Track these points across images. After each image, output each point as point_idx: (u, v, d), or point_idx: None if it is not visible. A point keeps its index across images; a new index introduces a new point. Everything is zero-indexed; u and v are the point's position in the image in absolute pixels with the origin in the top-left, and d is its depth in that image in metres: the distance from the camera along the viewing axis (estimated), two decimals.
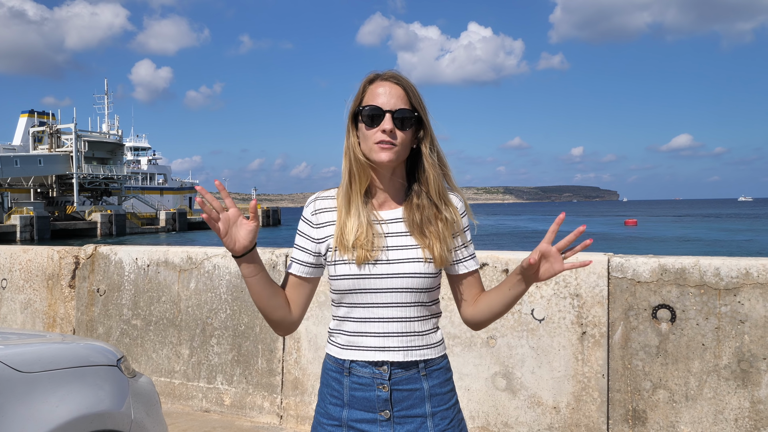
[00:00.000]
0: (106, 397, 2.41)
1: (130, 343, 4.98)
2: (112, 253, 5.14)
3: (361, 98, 1.72)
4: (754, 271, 3.24)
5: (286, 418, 4.35)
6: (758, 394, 3.21)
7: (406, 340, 1.69)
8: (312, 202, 1.79)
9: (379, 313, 1.69)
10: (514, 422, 3.71)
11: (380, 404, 1.68)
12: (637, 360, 3.46)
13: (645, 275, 3.45)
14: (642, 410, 3.44)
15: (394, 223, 1.73)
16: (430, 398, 1.70)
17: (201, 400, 4.67)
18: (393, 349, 1.69)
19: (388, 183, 1.75)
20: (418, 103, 1.71)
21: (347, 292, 1.70)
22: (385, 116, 1.67)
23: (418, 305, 1.71)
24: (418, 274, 1.68)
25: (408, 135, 1.70)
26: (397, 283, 1.67)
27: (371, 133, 1.68)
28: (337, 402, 1.72)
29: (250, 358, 4.52)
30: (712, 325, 3.30)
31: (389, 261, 1.68)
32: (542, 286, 3.68)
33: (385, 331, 1.69)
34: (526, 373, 3.70)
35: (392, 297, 1.68)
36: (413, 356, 1.70)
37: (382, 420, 1.68)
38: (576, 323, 3.60)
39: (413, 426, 1.69)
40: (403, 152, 1.70)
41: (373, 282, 1.67)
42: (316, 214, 1.76)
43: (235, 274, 4.61)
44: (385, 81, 1.71)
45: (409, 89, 1.71)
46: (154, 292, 4.92)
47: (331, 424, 1.72)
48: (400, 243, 1.71)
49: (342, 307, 1.74)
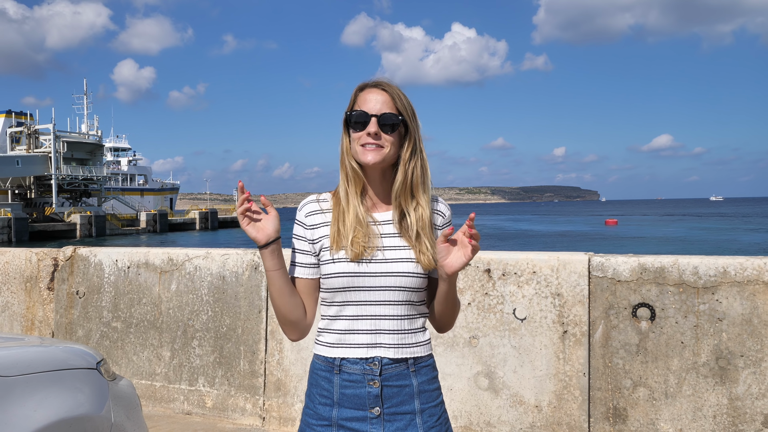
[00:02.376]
0: (85, 401, 2.39)
1: (110, 346, 4.93)
2: (92, 254, 5.08)
3: (352, 105, 1.80)
4: (732, 269, 3.28)
5: (268, 419, 4.33)
6: (736, 391, 3.26)
7: (396, 337, 1.74)
8: (306, 204, 1.84)
9: (370, 311, 1.74)
10: (497, 421, 3.73)
11: (371, 401, 1.71)
12: (617, 358, 3.49)
13: (625, 274, 3.48)
14: (623, 408, 3.47)
15: (385, 225, 1.79)
16: (419, 395, 1.75)
17: (183, 403, 4.63)
18: (384, 346, 1.73)
19: (379, 185, 1.81)
20: (404, 107, 1.77)
21: (340, 290, 1.74)
22: (370, 120, 1.74)
23: (408, 304, 1.76)
24: (410, 273, 1.73)
25: (395, 138, 1.77)
26: (390, 282, 1.73)
27: (358, 136, 1.76)
28: (326, 402, 1.74)
29: (232, 359, 4.49)
30: (690, 323, 3.34)
31: (381, 260, 1.73)
32: (524, 285, 3.70)
33: (376, 328, 1.73)
34: (508, 372, 3.72)
35: (384, 295, 1.73)
36: (404, 353, 1.74)
37: (373, 417, 1.71)
38: (557, 322, 3.62)
39: (403, 423, 1.72)
40: (389, 155, 1.76)
41: (367, 280, 1.72)
42: (310, 216, 1.82)
43: (216, 276, 4.58)
44: (373, 88, 1.79)
45: (396, 95, 1.78)
46: (135, 294, 4.87)
47: (321, 424, 1.74)
48: (392, 243, 1.76)
49: (333, 306, 1.77)
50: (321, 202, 1.83)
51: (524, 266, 3.72)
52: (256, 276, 4.45)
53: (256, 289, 4.44)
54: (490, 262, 3.78)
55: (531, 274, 3.69)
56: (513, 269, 3.73)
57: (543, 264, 3.68)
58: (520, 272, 3.72)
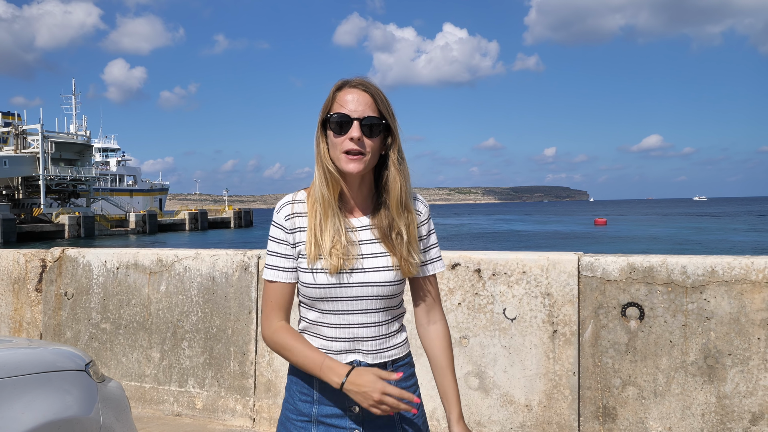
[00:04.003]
0: (73, 403, 2.37)
1: (99, 348, 4.90)
2: (80, 255, 5.05)
3: (330, 105, 1.71)
4: (720, 268, 3.31)
5: (259, 420, 4.32)
6: (724, 389, 3.28)
7: (374, 343, 1.73)
8: (283, 206, 1.77)
9: (349, 320, 1.72)
10: (487, 421, 3.73)
11: (350, 399, 1.69)
12: (607, 357, 3.51)
13: (614, 274, 3.50)
14: (612, 407, 3.49)
15: (364, 231, 1.74)
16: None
17: (172, 404, 4.61)
18: (363, 352, 1.73)
19: (357, 190, 1.75)
20: (386, 110, 1.71)
21: (318, 300, 1.71)
22: (353, 123, 1.67)
23: (386, 310, 1.75)
24: (388, 282, 1.71)
25: (376, 143, 1.70)
26: (368, 291, 1.70)
27: (339, 140, 1.68)
28: (306, 399, 1.74)
29: (222, 360, 4.48)
30: (679, 322, 3.36)
31: (359, 270, 1.70)
32: (514, 285, 3.71)
33: (355, 336, 1.72)
34: (499, 372, 3.72)
35: (363, 304, 1.71)
36: (382, 358, 1.74)
37: (352, 414, 1.71)
38: (547, 322, 3.63)
39: (382, 420, 1.72)
40: (371, 161, 1.70)
41: (346, 291, 1.69)
42: (289, 219, 1.75)
43: (206, 276, 4.56)
44: (353, 88, 1.71)
45: (378, 96, 1.70)
46: (124, 295, 4.85)
47: (301, 420, 1.74)
48: (371, 251, 1.72)
49: (312, 311, 1.75)
50: (297, 203, 1.76)
51: (514, 266, 3.73)
52: (246, 277, 4.44)
53: (246, 290, 4.43)
54: (481, 262, 3.79)
55: (521, 274, 3.71)
56: (503, 269, 3.74)
57: (533, 264, 3.69)
58: (510, 272, 3.73)
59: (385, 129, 1.72)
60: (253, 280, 4.41)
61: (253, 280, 4.42)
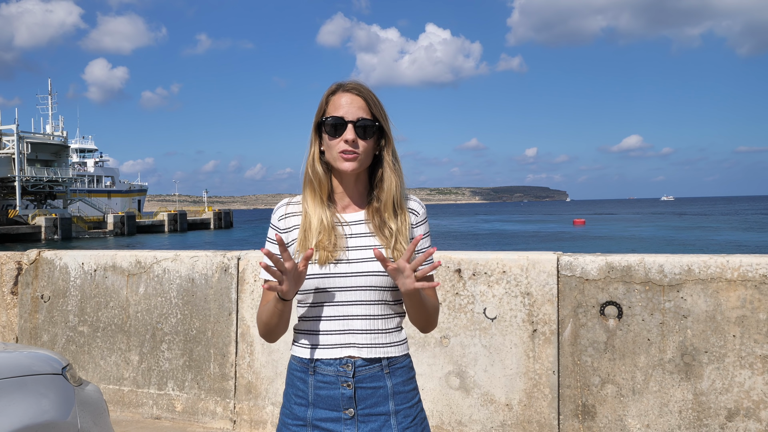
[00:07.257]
0: (50, 407, 2.34)
1: (76, 351, 4.84)
2: (57, 258, 4.99)
3: (324, 109, 1.79)
4: (696, 267, 3.35)
5: (239, 422, 4.30)
6: (701, 386, 3.33)
7: (370, 337, 1.74)
8: (279, 208, 1.85)
9: (343, 311, 1.74)
10: (468, 420, 3.75)
11: (344, 402, 1.71)
12: (586, 356, 3.54)
13: (593, 273, 3.54)
14: (591, 405, 3.52)
15: (356, 225, 1.80)
16: (393, 396, 1.75)
17: (152, 407, 4.57)
18: (357, 346, 1.74)
19: (352, 189, 1.82)
20: (379, 112, 1.78)
21: (311, 292, 1.74)
22: (347, 126, 1.73)
23: (382, 303, 1.76)
24: (380, 272, 1.73)
25: (370, 144, 1.77)
26: (361, 281, 1.73)
27: (334, 143, 1.75)
28: (301, 402, 1.75)
29: (202, 363, 4.45)
30: (656, 320, 3.40)
31: (350, 260, 1.73)
32: (494, 285, 3.73)
33: (349, 328, 1.74)
34: (479, 371, 3.74)
35: (356, 295, 1.73)
36: (377, 353, 1.74)
37: (347, 418, 1.72)
38: (527, 321, 3.66)
39: (377, 424, 1.73)
40: (365, 160, 1.77)
41: (337, 281, 1.73)
42: (283, 219, 1.82)
43: (185, 278, 4.53)
44: (346, 92, 1.77)
45: (371, 99, 1.77)
46: (102, 298, 4.79)
47: (296, 424, 1.75)
48: (362, 243, 1.77)
49: (305, 306, 1.78)
50: (293, 204, 1.84)
51: (494, 266, 3.75)
52: (226, 278, 4.41)
53: (226, 292, 4.40)
54: (461, 262, 3.81)
55: (501, 273, 3.73)
56: (483, 269, 3.76)
57: (513, 264, 3.71)
58: (491, 272, 3.75)
59: (378, 131, 1.78)
60: (233, 281, 4.39)
61: (233, 281, 4.39)
